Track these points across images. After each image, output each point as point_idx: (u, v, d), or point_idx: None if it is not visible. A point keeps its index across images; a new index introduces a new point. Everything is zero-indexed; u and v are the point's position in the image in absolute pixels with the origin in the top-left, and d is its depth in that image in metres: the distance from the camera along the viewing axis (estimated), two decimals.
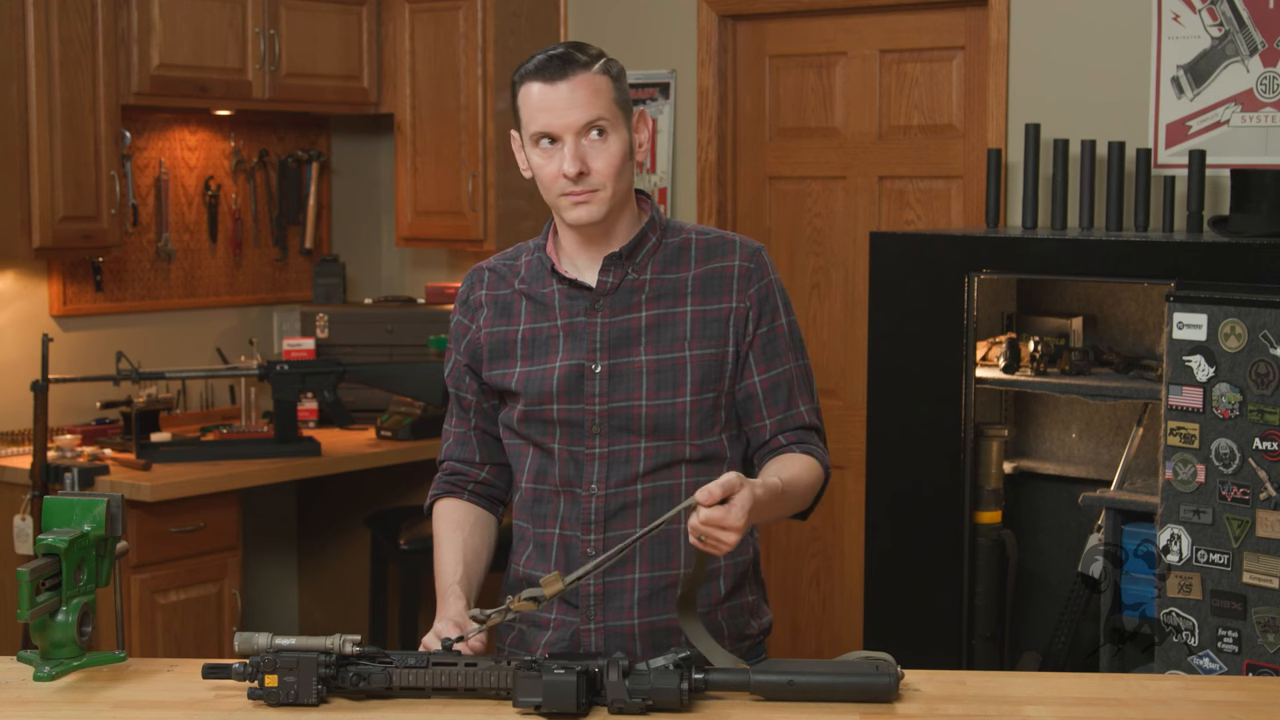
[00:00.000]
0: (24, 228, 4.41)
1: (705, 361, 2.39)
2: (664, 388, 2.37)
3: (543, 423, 2.40)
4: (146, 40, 4.63)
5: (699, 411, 2.39)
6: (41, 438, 4.23)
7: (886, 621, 3.97)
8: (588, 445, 2.38)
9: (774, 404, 2.43)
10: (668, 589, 2.40)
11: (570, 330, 2.39)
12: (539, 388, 2.39)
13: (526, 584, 2.43)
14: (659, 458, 2.38)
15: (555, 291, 2.42)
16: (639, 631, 2.39)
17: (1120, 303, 4.09)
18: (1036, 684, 2.27)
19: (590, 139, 2.31)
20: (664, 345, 2.38)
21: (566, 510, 2.41)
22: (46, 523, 2.26)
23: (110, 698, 2.15)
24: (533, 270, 2.46)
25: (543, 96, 2.30)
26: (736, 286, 2.41)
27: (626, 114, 2.35)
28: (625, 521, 2.38)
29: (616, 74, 2.35)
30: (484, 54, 5.12)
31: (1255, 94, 3.99)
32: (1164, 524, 3.43)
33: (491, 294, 2.47)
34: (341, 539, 5.42)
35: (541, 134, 2.31)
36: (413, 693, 2.11)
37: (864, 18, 4.71)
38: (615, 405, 2.37)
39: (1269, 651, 3.30)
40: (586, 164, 2.30)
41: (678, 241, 2.43)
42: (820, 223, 4.87)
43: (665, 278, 2.40)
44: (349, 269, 5.65)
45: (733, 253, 2.43)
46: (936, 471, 3.87)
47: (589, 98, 2.29)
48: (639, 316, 2.39)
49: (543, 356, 2.40)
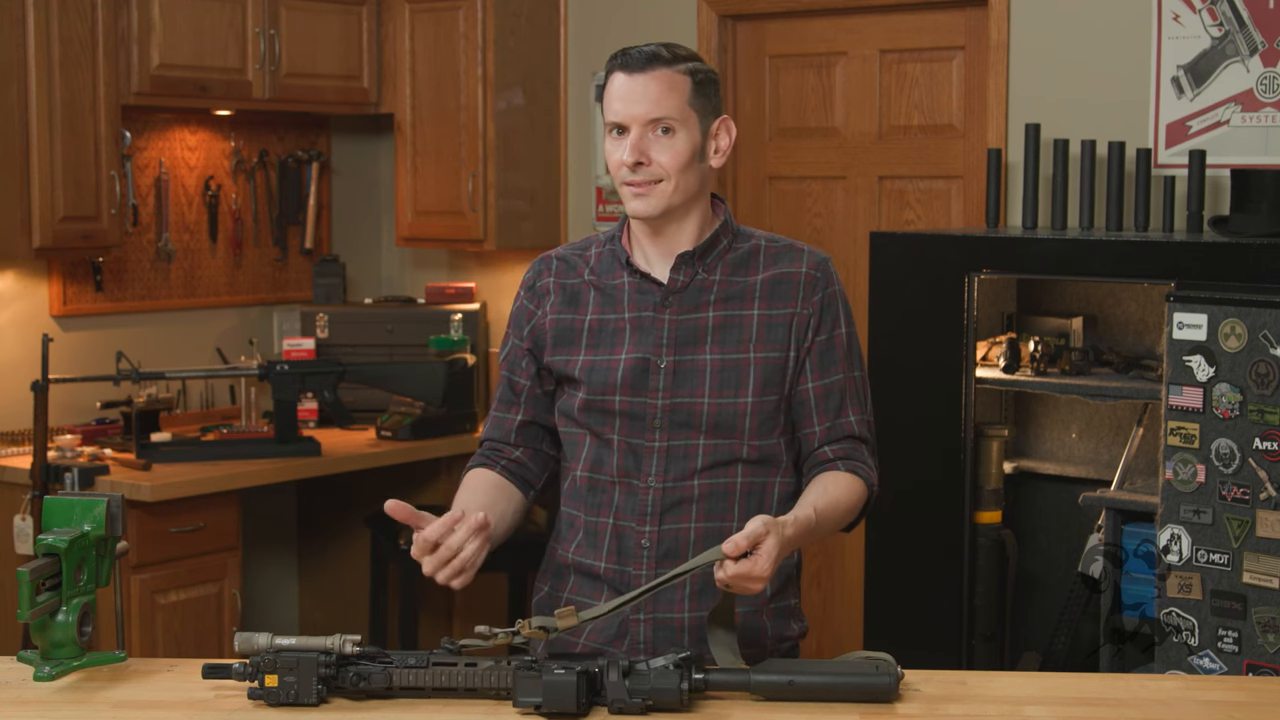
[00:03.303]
0: (24, 228, 4.41)
1: (768, 364, 2.42)
2: (727, 387, 2.40)
3: (604, 413, 2.42)
4: (146, 40, 4.63)
5: (759, 413, 2.42)
6: (41, 438, 4.23)
7: (886, 621, 3.97)
8: (648, 438, 2.41)
9: (825, 411, 2.46)
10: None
11: (638, 323, 2.43)
12: (604, 378, 2.42)
13: (573, 571, 2.46)
14: (716, 455, 2.41)
15: (625, 284, 2.45)
16: (689, 624, 2.41)
17: (1120, 303, 4.09)
18: (1036, 684, 2.27)
19: (656, 134, 2.35)
20: (729, 346, 2.41)
21: (622, 500, 2.42)
22: (46, 523, 2.26)
23: (110, 698, 2.15)
24: (603, 261, 2.49)
25: (620, 86, 2.36)
26: (802, 293, 2.45)
27: (703, 117, 2.39)
28: (680, 515, 2.41)
29: (702, 79, 2.39)
30: (484, 54, 5.12)
31: (1255, 94, 3.99)
32: (1164, 524, 3.43)
33: (559, 281, 2.50)
34: (341, 539, 5.42)
35: (614, 123, 2.37)
36: (413, 693, 2.11)
37: (864, 18, 4.71)
38: (678, 401, 2.40)
39: (1269, 651, 3.30)
40: (647, 155, 2.35)
41: (748, 247, 2.48)
42: (820, 223, 4.87)
43: (734, 280, 2.44)
44: (349, 269, 5.65)
45: (800, 260, 2.47)
46: (936, 471, 3.87)
47: (661, 93, 2.34)
48: (706, 316, 2.42)
49: (608, 347, 2.43)
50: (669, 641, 2.40)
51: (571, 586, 2.49)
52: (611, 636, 2.42)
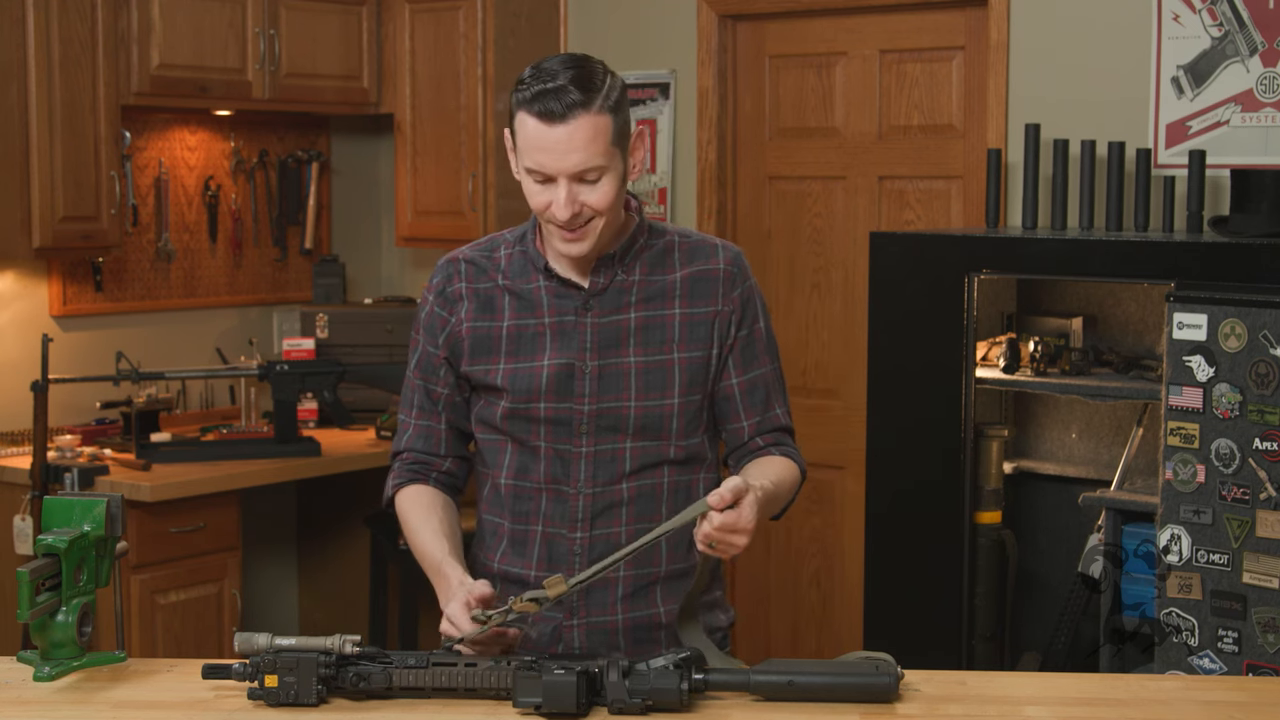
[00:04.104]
0: (24, 228, 4.41)
1: (692, 364, 2.41)
2: (653, 389, 2.39)
3: (529, 420, 2.40)
4: (146, 40, 4.63)
5: (685, 413, 2.41)
6: (41, 438, 4.23)
7: (886, 621, 3.97)
8: (575, 444, 2.39)
9: (752, 406, 2.46)
10: (650, 586, 2.42)
11: (559, 328, 2.39)
12: (527, 385, 2.38)
13: (500, 579, 2.44)
14: (644, 458, 2.40)
15: (542, 288, 2.41)
16: (622, 627, 2.41)
17: (1120, 303, 4.09)
18: (1036, 684, 2.27)
19: (585, 182, 2.26)
20: (652, 347, 2.39)
21: (550, 507, 2.41)
22: (46, 523, 2.26)
23: (110, 698, 2.15)
24: (515, 265, 2.45)
25: (539, 136, 2.23)
26: (722, 290, 2.43)
27: (624, 146, 2.30)
28: (611, 520, 2.40)
29: (616, 103, 2.26)
30: (484, 54, 5.12)
31: (1255, 94, 3.99)
32: (1164, 524, 3.43)
33: (472, 287, 2.45)
34: (341, 539, 5.42)
35: (535, 171, 2.27)
36: (413, 693, 2.11)
37: (864, 18, 4.71)
38: (604, 405, 2.38)
39: (1269, 651, 3.30)
40: (579, 202, 2.27)
41: (661, 244, 2.44)
42: (820, 223, 4.87)
43: (653, 279, 2.41)
44: (349, 269, 5.65)
45: (715, 256, 2.45)
46: (936, 471, 3.87)
47: (586, 142, 2.22)
48: (628, 318, 2.40)
49: (529, 354, 2.39)
50: (603, 645, 2.39)
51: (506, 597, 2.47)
52: (547, 642, 2.41)
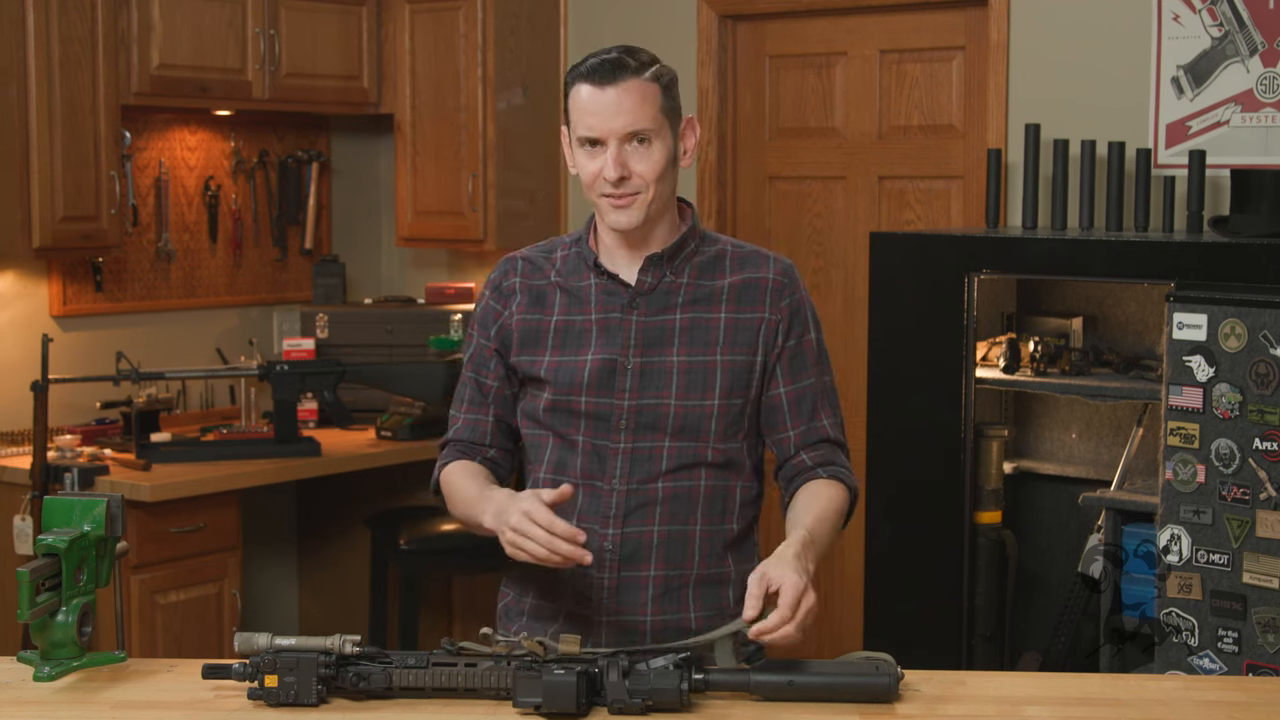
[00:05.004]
0: (24, 228, 4.41)
1: (735, 368, 2.43)
2: (693, 389, 2.41)
3: (569, 414, 2.43)
4: (146, 40, 4.63)
5: (725, 416, 2.43)
6: (41, 438, 4.23)
7: (886, 621, 3.97)
8: (613, 439, 2.41)
9: (798, 415, 2.47)
10: (681, 589, 2.43)
11: (604, 325, 2.43)
12: (570, 378, 2.42)
13: (535, 574, 2.44)
14: (681, 458, 2.42)
15: (592, 285, 2.46)
16: (650, 629, 2.41)
17: (1120, 303, 4.09)
18: (1036, 684, 2.27)
19: (633, 145, 2.35)
20: (696, 348, 2.42)
21: (585, 503, 2.42)
22: (46, 523, 2.27)
23: (110, 698, 2.15)
24: (569, 263, 2.50)
25: (591, 100, 2.34)
26: (770, 299, 2.46)
27: (673, 121, 2.40)
28: (644, 518, 2.41)
29: (667, 82, 2.39)
30: (484, 54, 5.12)
31: (1255, 94, 3.99)
32: (1164, 524, 3.43)
33: (526, 282, 2.51)
34: (341, 539, 5.42)
35: (587, 137, 2.36)
36: (413, 693, 2.11)
37: (864, 18, 4.71)
38: (644, 402, 2.40)
39: (1269, 651, 3.30)
40: (628, 168, 2.35)
41: (714, 251, 2.49)
42: (820, 223, 4.87)
43: (701, 283, 2.45)
44: (349, 269, 5.64)
45: (766, 266, 2.49)
46: (936, 472, 3.87)
47: (635, 105, 2.33)
48: (674, 318, 2.43)
49: (574, 348, 2.43)
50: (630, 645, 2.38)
51: (534, 593, 2.48)
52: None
